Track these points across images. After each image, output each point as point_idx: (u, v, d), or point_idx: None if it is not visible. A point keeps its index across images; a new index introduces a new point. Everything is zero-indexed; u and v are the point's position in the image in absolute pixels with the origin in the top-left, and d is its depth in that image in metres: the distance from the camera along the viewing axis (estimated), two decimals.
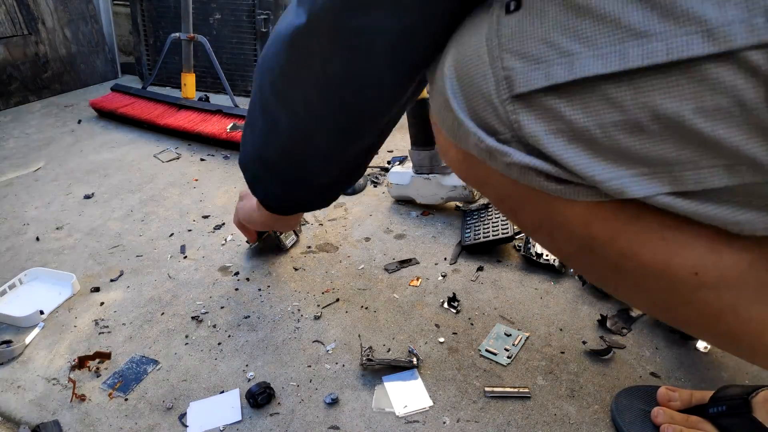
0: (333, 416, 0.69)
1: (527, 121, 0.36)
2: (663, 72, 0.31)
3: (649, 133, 0.32)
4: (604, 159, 0.35)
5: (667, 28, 0.30)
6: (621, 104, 0.32)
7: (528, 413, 0.69)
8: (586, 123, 0.34)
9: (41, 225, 1.17)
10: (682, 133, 0.32)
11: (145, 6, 2.08)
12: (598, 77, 0.33)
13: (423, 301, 0.90)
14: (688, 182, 0.33)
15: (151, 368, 0.78)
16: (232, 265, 1.01)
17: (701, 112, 0.30)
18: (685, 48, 0.30)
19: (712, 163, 0.32)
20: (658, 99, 0.31)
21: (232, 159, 1.49)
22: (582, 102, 0.34)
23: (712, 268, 0.38)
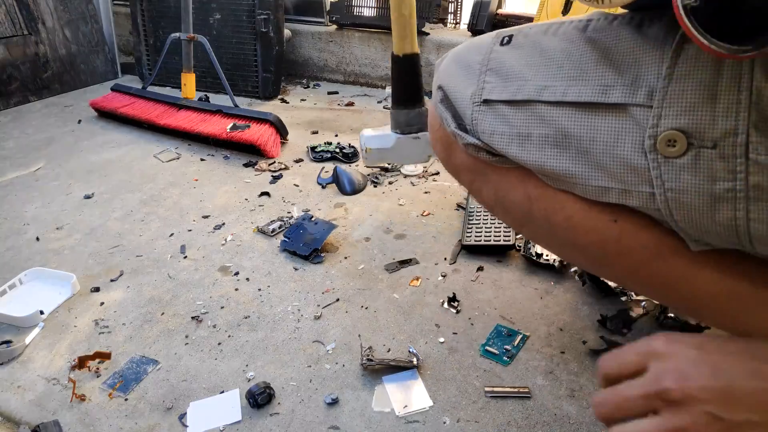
0: (333, 416, 0.69)
1: (484, 120, 0.50)
2: (579, 107, 0.44)
3: (559, 147, 0.45)
4: (528, 152, 0.47)
5: (590, 79, 0.44)
6: (548, 122, 0.45)
7: (528, 413, 0.69)
8: (522, 130, 0.47)
9: (41, 225, 1.17)
10: (580, 152, 0.44)
11: (145, 6, 2.08)
12: (540, 102, 0.46)
13: (423, 301, 0.90)
14: (580, 190, 0.46)
15: (151, 368, 0.78)
16: (232, 265, 1.01)
17: (596, 141, 0.43)
18: (596, 95, 0.43)
19: (597, 183, 0.44)
20: (571, 125, 0.44)
21: (232, 159, 1.49)
22: (524, 115, 0.47)
23: (629, 215, 0.45)
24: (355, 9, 2.05)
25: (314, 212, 1.19)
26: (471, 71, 0.52)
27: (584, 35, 0.45)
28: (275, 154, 1.49)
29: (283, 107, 1.91)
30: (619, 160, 0.42)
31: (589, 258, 0.51)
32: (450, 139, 0.56)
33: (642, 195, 0.42)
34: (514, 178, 0.51)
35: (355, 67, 2.11)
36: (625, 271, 0.49)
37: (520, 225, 0.56)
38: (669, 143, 0.39)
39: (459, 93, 0.52)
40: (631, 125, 0.41)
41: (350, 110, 1.87)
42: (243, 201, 1.25)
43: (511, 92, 0.48)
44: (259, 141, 1.44)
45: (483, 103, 0.50)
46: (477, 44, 0.54)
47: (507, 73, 0.49)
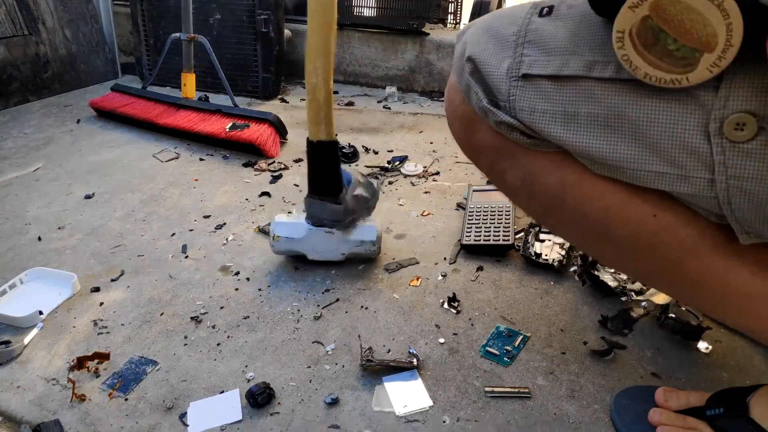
0: (333, 416, 0.69)
1: (523, 96, 0.47)
2: (635, 85, 0.40)
3: (610, 128, 0.42)
4: (573, 133, 0.44)
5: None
6: (599, 101, 0.42)
7: (528, 413, 0.69)
8: (568, 109, 0.44)
9: (42, 225, 1.17)
10: (636, 135, 0.41)
11: (145, 6, 2.08)
12: (590, 78, 0.42)
13: (423, 301, 0.90)
14: (629, 176, 0.43)
15: (150, 369, 0.78)
16: (232, 264, 1.01)
17: (654, 123, 0.40)
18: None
19: (650, 168, 0.41)
20: (626, 104, 0.41)
21: (232, 159, 1.49)
22: (570, 92, 0.44)
23: (670, 210, 0.43)
24: (355, 9, 2.05)
25: None
26: (506, 43, 0.48)
27: None
28: (275, 153, 1.49)
29: (283, 107, 1.91)
30: (678, 143, 0.39)
31: (616, 251, 0.49)
32: (472, 115, 0.52)
33: (700, 181, 0.39)
34: (549, 162, 0.48)
35: (355, 67, 2.11)
36: (656, 267, 0.47)
37: (544, 212, 0.53)
38: (737, 127, 0.36)
39: (492, 66, 0.48)
40: (694, 106, 0.38)
41: (350, 110, 1.87)
42: (243, 201, 1.25)
43: (556, 67, 0.44)
44: (259, 140, 1.44)
45: (522, 78, 0.46)
46: (510, 14, 0.50)
47: (549, 46, 0.45)
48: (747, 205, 0.38)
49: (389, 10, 2.03)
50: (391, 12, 2.03)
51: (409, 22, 1.94)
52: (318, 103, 0.88)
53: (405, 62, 2.01)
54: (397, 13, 2.02)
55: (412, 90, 2.04)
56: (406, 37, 1.97)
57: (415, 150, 1.50)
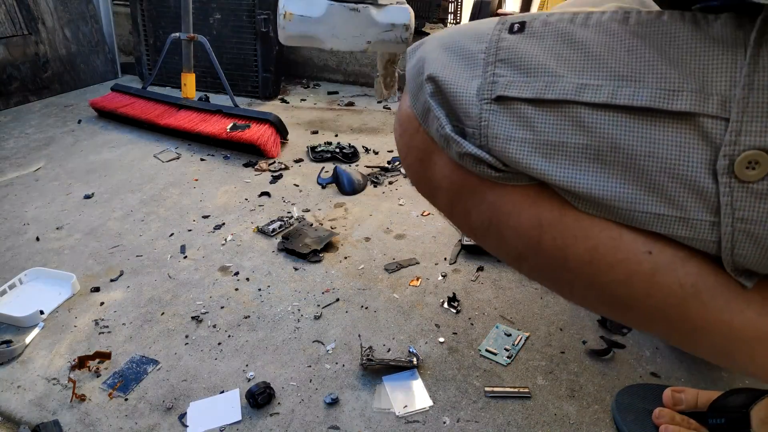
0: (333, 416, 0.69)
1: (497, 121, 0.40)
2: (633, 113, 0.36)
3: (602, 162, 0.37)
4: (558, 166, 0.39)
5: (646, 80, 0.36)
6: (590, 130, 0.37)
7: (528, 413, 0.69)
8: (552, 138, 0.38)
9: (41, 225, 1.17)
10: (632, 170, 0.36)
11: (145, 6, 2.08)
12: (578, 102, 0.37)
13: (423, 301, 0.90)
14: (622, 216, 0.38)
15: (151, 368, 0.78)
16: (232, 265, 1.01)
17: (653, 157, 0.35)
18: (657, 99, 0.35)
19: (646, 209, 0.37)
20: (622, 135, 0.36)
21: (232, 159, 1.49)
22: (555, 119, 0.38)
23: (666, 246, 0.38)
24: None
25: (314, 212, 1.19)
26: (473, 60, 0.42)
27: (627, 28, 0.37)
28: (275, 154, 1.49)
29: (283, 107, 1.91)
30: (680, 181, 0.35)
31: (606, 299, 0.43)
32: (429, 145, 0.45)
33: (701, 224, 0.35)
34: (522, 198, 0.42)
35: (355, 67, 2.11)
36: (651, 313, 0.41)
37: (518, 258, 0.46)
38: (749, 165, 0.33)
39: (459, 86, 0.42)
40: (701, 140, 0.34)
41: (350, 110, 1.87)
42: (243, 201, 1.25)
43: (538, 89, 0.39)
44: (259, 141, 1.44)
45: (495, 101, 0.40)
46: (474, 30, 0.44)
47: (527, 66, 0.40)
48: (752, 250, 0.35)
49: None
50: None
51: None
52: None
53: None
54: None
55: None
56: None
57: None
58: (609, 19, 0.38)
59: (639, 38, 0.37)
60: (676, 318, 0.40)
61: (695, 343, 0.42)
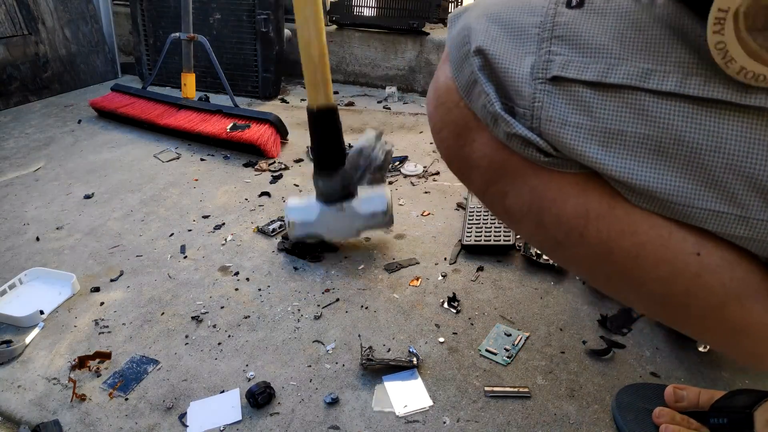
0: (333, 416, 0.69)
1: (552, 103, 0.38)
2: (702, 104, 0.33)
3: (663, 154, 0.35)
4: (615, 155, 0.36)
5: (717, 74, 0.33)
6: (653, 120, 0.35)
7: (528, 413, 0.69)
8: (612, 125, 0.36)
9: (41, 225, 1.17)
10: (694, 164, 0.34)
11: (145, 6, 2.08)
12: (644, 90, 0.35)
13: (423, 301, 0.90)
14: (677, 213, 0.36)
15: (151, 368, 0.78)
16: (232, 265, 1.01)
17: (719, 152, 0.33)
18: (731, 93, 0.33)
19: (705, 206, 0.35)
20: (687, 127, 0.34)
21: (232, 159, 1.49)
22: (616, 105, 0.36)
23: (715, 248, 0.36)
24: (355, 9, 2.05)
25: None
26: (526, 35, 0.39)
27: (693, 19, 0.34)
28: (275, 154, 1.49)
29: (283, 107, 1.91)
30: (746, 178, 0.33)
31: (644, 294, 0.41)
32: (470, 121, 0.43)
33: (762, 224, 0.34)
34: (569, 186, 0.39)
35: (355, 67, 2.11)
36: (692, 313, 0.40)
37: (555, 245, 0.44)
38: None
39: (511, 62, 0.39)
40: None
41: (350, 110, 1.87)
42: (243, 201, 1.25)
43: (599, 71, 0.36)
44: (259, 141, 1.44)
45: (551, 81, 0.37)
46: (528, 2, 0.41)
47: (587, 45, 0.37)
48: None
49: (389, 10, 2.03)
50: (391, 12, 2.03)
51: (409, 22, 1.94)
52: (313, 62, 0.82)
53: (405, 62, 2.01)
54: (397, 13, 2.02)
55: (412, 90, 2.04)
56: (406, 37, 1.97)
57: (415, 150, 1.50)
58: (675, 7, 0.35)
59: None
60: (714, 318, 0.39)
61: (732, 344, 0.42)
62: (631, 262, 0.39)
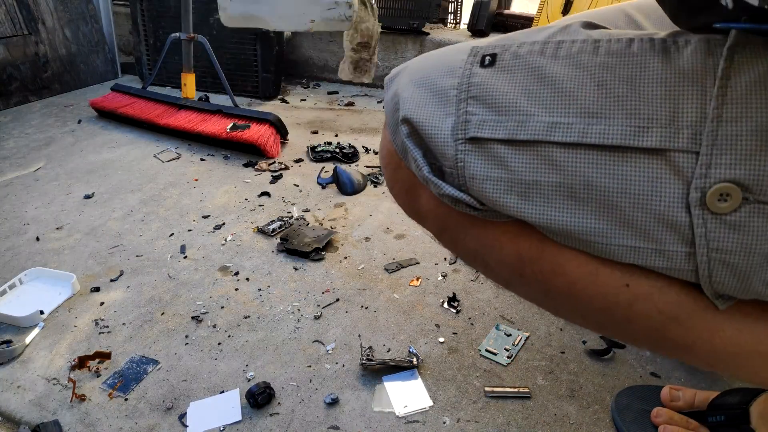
0: (333, 416, 0.69)
1: (473, 162, 0.40)
2: (604, 151, 0.36)
3: (576, 199, 0.37)
4: (533, 204, 0.39)
5: (616, 116, 0.36)
6: (563, 169, 0.37)
7: (528, 413, 0.69)
8: (526, 177, 0.39)
9: (41, 225, 1.17)
10: (605, 206, 0.37)
11: (145, 6, 2.08)
12: (551, 143, 0.37)
13: (423, 301, 0.90)
14: (598, 250, 0.38)
15: (151, 368, 0.78)
16: (232, 265, 1.01)
17: (626, 194, 0.36)
18: (627, 137, 0.35)
19: (621, 242, 0.37)
20: (594, 172, 0.36)
21: (232, 159, 1.49)
22: (528, 158, 0.38)
23: (643, 278, 0.38)
24: None
25: (314, 212, 1.19)
26: (446, 98, 0.42)
27: (596, 59, 0.37)
28: (275, 154, 1.49)
29: (283, 107, 1.91)
30: (654, 215, 0.35)
31: (591, 322, 0.45)
32: (413, 180, 0.46)
33: (677, 255, 0.36)
34: (503, 235, 0.43)
35: None
36: (635, 335, 0.42)
37: (506, 284, 0.48)
38: (720, 197, 0.33)
39: (434, 127, 0.42)
40: (670, 174, 0.34)
41: (350, 110, 1.87)
42: (243, 201, 1.25)
43: (511, 129, 0.39)
44: (259, 141, 1.44)
45: (469, 141, 0.40)
46: (446, 63, 0.44)
47: (499, 104, 0.40)
48: (729, 278, 0.35)
49: (389, 10, 2.03)
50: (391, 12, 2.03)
51: (409, 22, 1.94)
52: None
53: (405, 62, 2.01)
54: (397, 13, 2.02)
55: None
56: (406, 37, 1.97)
57: None
58: (579, 50, 0.38)
59: (609, 71, 0.37)
60: (659, 339, 0.41)
61: (682, 357, 0.44)
62: (567, 298, 0.42)
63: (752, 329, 0.38)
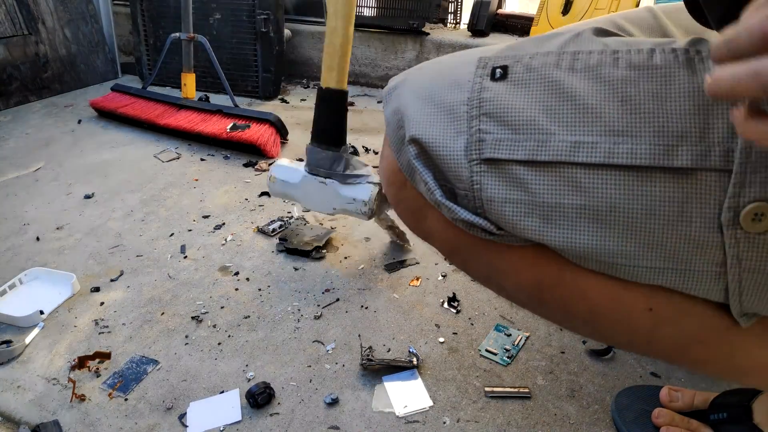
0: (333, 416, 0.69)
1: (490, 184, 0.38)
2: (631, 171, 0.34)
3: (600, 222, 0.35)
4: (556, 227, 0.37)
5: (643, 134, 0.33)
6: (587, 191, 0.35)
7: (528, 413, 0.69)
8: (548, 200, 0.36)
9: (41, 225, 1.17)
10: (631, 229, 0.35)
11: (145, 6, 2.08)
12: (574, 164, 0.35)
13: (423, 301, 0.90)
14: (623, 273, 0.37)
15: (151, 368, 0.78)
16: (232, 265, 1.01)
17: (653, 216, 0.34)
18: (657, 157, 0.33)
19: (648, 264, 0.35)
20: (620, 194, 0.34)
21: (232, 159, 1.49)
22: (550, 180, 0.36)
23: (667, 302, 0.37)
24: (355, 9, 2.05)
25: (314, 212, 1.19)
26: (455, 114, 0.39)
27: (618, 72, 0.35)
28: (275, 154, 1.49)
29: (283, 107, 1.91)
30: (683, 237, 0.34)
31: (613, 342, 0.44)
32: (419, 201, 0.43)
33: (706, 275, 0.35)
34: (520, 260, 0.41)
35: (355, 67, 2.11)
36: (660, 354, 0.42)
37: (521, 304, 0.46)
38: (755, 217, 0.32)
39: (445, 147, 0.39)
40: (700, 195, 0.33)
41: (350, 110, 1.87)
42: (243, 201, 1.25)
43: (530, 150, 0.36)
44: (260, 141, 1.44)
45: (485, 162, 0.38)
46: (452, 76, 0.41)
47: (515, 122, 0.37)
48: (758, 297, 0.35)
49: (389, 10, 2.03)
50: (391, 12, 2.03)
51: (409, 22, 1.94)
52: (334, 48, 0.90)
53: (405, 62, 2.01)
54: (397, 13, 2.02)
55: None
56: (406, 37, 1.97)
57: None
58: (598, 62, 0.36)
59: (632, 85, 0.34)
60: (681, 357, 0.40)
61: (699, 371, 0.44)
62: (589, 322, 0.41)
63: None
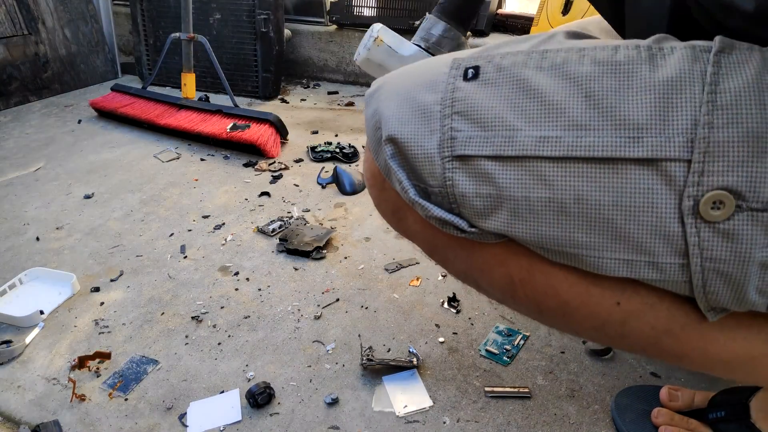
0: (333, 416, 0.69)
1: (461, 180, 0.39)
2: (595, 163, 0.35)
3: (567, 213, 0.36)
4: (523, 221, 0.38)
5: (605, 127, 0.35)
6: (553, 184, 0.36)
7: (528, 413, 0.69)
8: (516, 193, 0.37)
9: (41, 225, 1.17)
10: (597, 220, 0.36)
11: (145, 6, 2.08)
12: (540, 157, 0.36)
13: (423, 301, 0.90)
14: (590, 265, 0.37)
15: (151, 368, 0.78)
16: (232, 265, 1.01)
17: (618, 206, 0.35)
18: (618, 148, 0.34)
19: (614, 256, 0.36)
20: (585, 186, 0.35)
21: (232, 159, 1.49)
22: (518, 174, 0.37)
23: (634, 296, 0.38)
24: (355, 9, 2.05)
25: (314, 212, 1.19)
26: (429, 114, 0.40)
27: (582, 69, 0.36)
28: (275, 154, 1.49)
29: (283, 107, 1.91)
30: (647, 227, 0.34)
31: (586, 336, 0.45)
32: (398, 201, 0.45)
33: (671, 267, 0.35)
34: (493, 258, 0.42)
35: (355, 67, 2.11)
36: (631, 347, 0.43)
37: (499, 301, 0.48)
38: (714, 205, 0.32)
39: (419, 146, 0.40)
40: (662, 184, 0.34)
41: (350, 110, 1.87)
42: (243, 201, 1.25)
43: (498, 145, 0.37)
44: (259, 141, 1.44)
45: (457, 159, 0.39)
46: (427, 77, 0.42)
47: (484, 119, 0.38)
48: (723, 288, 0.35)
49: (389, 10, 2.03)
50: (391, 12, 2.03)
51: (409, 22, 1.94)
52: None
53: None
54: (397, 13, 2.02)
55: None
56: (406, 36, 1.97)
57: None
58: (564, 60, 0.37)
59: (596, 81, 0.35)
60: (654, 350, 0.41)
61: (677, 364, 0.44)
62: (561, 317, 0.42)
63: (745, 336, 0.38)
